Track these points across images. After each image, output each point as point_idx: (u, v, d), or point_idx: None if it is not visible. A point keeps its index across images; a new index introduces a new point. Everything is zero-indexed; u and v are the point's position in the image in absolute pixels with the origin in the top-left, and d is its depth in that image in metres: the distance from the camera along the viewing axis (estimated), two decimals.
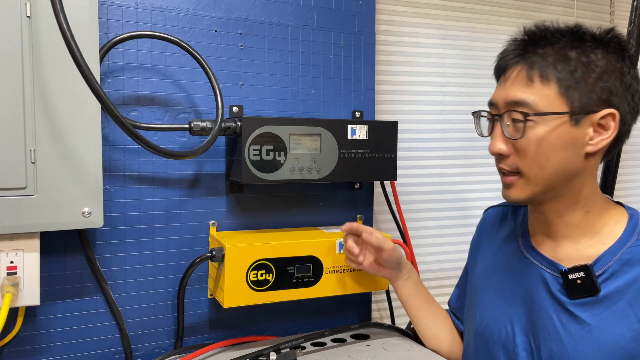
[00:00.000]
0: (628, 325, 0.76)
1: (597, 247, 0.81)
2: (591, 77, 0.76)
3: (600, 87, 0.76)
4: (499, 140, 0.80)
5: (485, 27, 1.50)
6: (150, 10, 1.04)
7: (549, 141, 0.76)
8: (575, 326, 0.79)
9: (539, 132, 0.76)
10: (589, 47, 0.77)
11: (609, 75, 0.76)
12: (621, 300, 0.77)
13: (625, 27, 1.25)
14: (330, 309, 1.23)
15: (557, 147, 0.77)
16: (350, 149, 1.10)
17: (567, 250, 0.84)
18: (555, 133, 0.76)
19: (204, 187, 1.10)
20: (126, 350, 1.04)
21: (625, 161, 1.72)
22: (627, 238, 0.80)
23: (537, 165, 0.78)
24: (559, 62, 0.76)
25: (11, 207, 0.84)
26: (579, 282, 0.79)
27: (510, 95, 0.79)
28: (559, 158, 0.77)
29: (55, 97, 0.86)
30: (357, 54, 1.23)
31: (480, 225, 1.07)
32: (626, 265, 0.78)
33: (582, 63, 0.76)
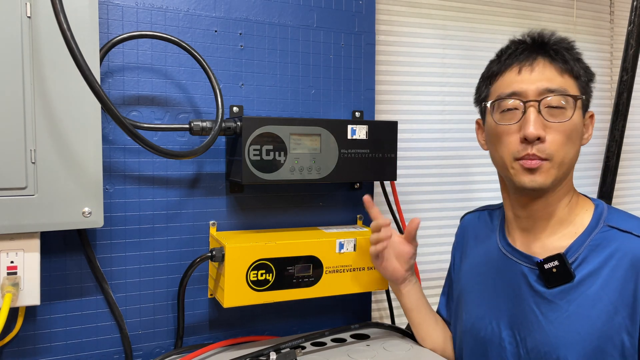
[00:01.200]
0: (602, 308, 0.80)
1: (569, 236, 0.86)
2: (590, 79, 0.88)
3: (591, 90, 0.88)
4: (539, 125, 0.83)
5: (485, 27, 1.50)
6: (150, 10, 1.04)
7: (577, 128, 0.84)
8: (555, 314, 0.83)
9: (576, 117, 0.84)
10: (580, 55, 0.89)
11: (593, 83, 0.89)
12: (594, 284, 0.81)
13: (625, 27, 1.25)
14: (330, 309, 1.23)
15: (579, 134, 0.86)
16: (350, 149, 1.10)
17: (542, 243, 0.88)
18: (580, 121, 0.85)
19: (204, 187, 1.10)
20: (126, 350, 1.04)
21: (625, 161, 1.72)
22: (594, 225, 0.85)
23: (565, 149, 0.83)
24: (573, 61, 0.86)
25: (11, 207, 0.84)
26: (555, 270, 0.83)
27: (545, 84, 0.84)
28: (577, 145, 0.86)
29: (55, 97, 0.86)
30: (357, 54, 1.23)
31: (459, 231, 1.11)
32: (594, 250, 0.83)
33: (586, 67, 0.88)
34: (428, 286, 1.46)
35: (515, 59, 0.88)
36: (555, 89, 0.83)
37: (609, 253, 0.82)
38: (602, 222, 0.85)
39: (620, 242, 0.82)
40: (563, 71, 0.85)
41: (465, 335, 0.97)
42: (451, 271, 1.11)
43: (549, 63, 0.85)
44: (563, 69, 0.85)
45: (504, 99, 0.87)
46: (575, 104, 0.83)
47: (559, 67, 0.85)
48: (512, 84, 0.86)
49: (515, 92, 0.85)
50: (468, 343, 0.96)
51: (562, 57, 0.85)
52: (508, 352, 0.89)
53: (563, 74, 0.85)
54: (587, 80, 0.87)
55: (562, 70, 0.85)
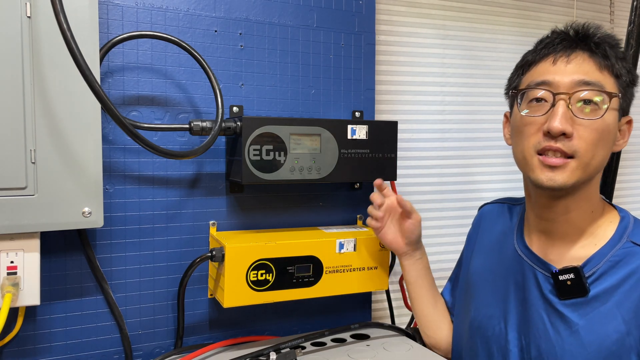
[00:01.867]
0: (614, 326, 0.77)
1: (589, 248, 0.82)
2: (632, 82, 0.82)
3: (632, 94, 0.82)
4: (565, 120, 0.77)
5: (485, 27, 1.50)
6: (150, 10, 1.04)
7: (610, 129, 0.79)
8: (564, 326, 0.81)
9: (609, 117, 0.78)
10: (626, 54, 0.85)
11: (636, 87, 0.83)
12: (609, 301, 0.78)
13: (625, 27, 1.25)
14: (330, 309, 1.23)
15: (612, 136, 0.80)
16: (350, 149, 1.10)
17: (560, 250, 0.85)
18: (614, 123, 0.79)
19: (204, 187, 1.10)
20: (126, 350, 1.04)
21: (625, 161, 1.72)
22: (617, 240, 0.81)
23: (594, 150, 0.78)
24: (617, 60, 0.80)
25: (11, 207, 0.84)
26: (569, 283, 0.80)
27: (580, 76, 0.78)
28: (608, 148, 0.80)
29: (55, 97, 0.86)
30: (357, 54, 1.23)
31: (476, 221, 1.08)
32: (615, 267, 0.79)
33: (630, 68, 0.82)
34: None
35: (552, 49, 0.82)
36: (591, 83, 0.77)
37: (628, 271, 0.78)
38: (626, 237, 0.81)
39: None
40: (602, 67, 0.79)
41: (472, 333, 0.95)
42: (462, 258, 1.09)
43: (588, 57, 0.80)
44: (603, 65, 0.79)
45: (533, 88, 0.81)
46: (610, 101, 0.77)
47: (598, 61, 0.79)
48: (544, 74, 0.81)
49: (546, 81, 0.80)
50: (474, 340, 0.94)
51: (603, 52, 0.80)
52: (512, 354, 0.87)
53: (602, 69, 0.79)
54: (629, 81, 0.82)
55: (602, 66, 0.79)
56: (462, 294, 1.03)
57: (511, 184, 1.53)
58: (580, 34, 0.82)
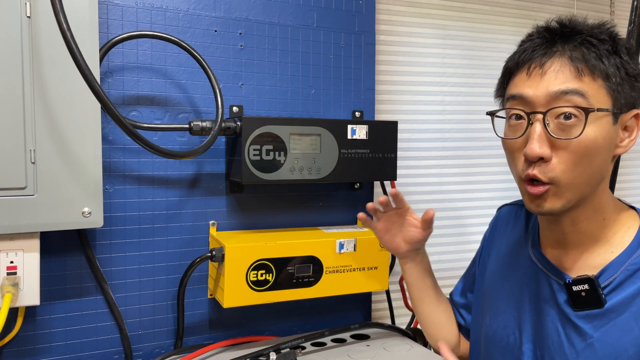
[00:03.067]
0: (631, 340, 0.73)
1: (605, 255, 0.77)
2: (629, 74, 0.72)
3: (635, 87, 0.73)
4: (542, 142, 0.70)
5: (485, 27, 1.50)
6: (150, 10, 1.04)
7: (597, 142, 0.70)
8: (578, 338, 0.77)
9: (591, 131, 0.69)
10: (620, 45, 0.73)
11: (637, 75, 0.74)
12: (625, 312, 0.74)
13: (625, 27, 1.25)
14: (330, 309, 1.23)
15: (601, 149, 0.71)
16: (350, 149, 1.10)
17: (575, 259, 0.80)
18: (603, 133, 0.70)
19: (204, 187, 1.10)
20: (126, 350, 1.04)
21: (625, 161, 1.72)
22: (635, 247, 0.75)
23: (578, 169, 0.71)
24: (605, 57, 0.71)
25: (11, 207, 0.84)
26: (584, 294, 0.75)
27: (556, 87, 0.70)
28: (599, 160, 0.72)
29: (55, 97, 0.86)
30: (357, 54, 1.23)
31: (494, 222, 1.03)
32: (632, 276, 0.74)
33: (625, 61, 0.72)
34: None
35: (527, 56, 0.74)
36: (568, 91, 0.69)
37: None
38: None
39: None
40: (583, 72, 0.70)
41: (487, 342, 0.92)
42: (477, 259, 1.04)
43: (567, 62, 0.71)
44: (582, 69, 0.70)
45: (507, 106, 0.76)
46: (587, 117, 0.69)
47: (576, 67, 0.70)
48: (519, 87, 0.74)
49: (521, 96, 0.73)
50: (489, 349, 0.91)
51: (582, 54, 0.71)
52: None
53: (582, 75, 0.70)
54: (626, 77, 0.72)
55: (582, 71, 0.70)
56: (478, 299, 0.99)
57: (511, 184, 1.53)
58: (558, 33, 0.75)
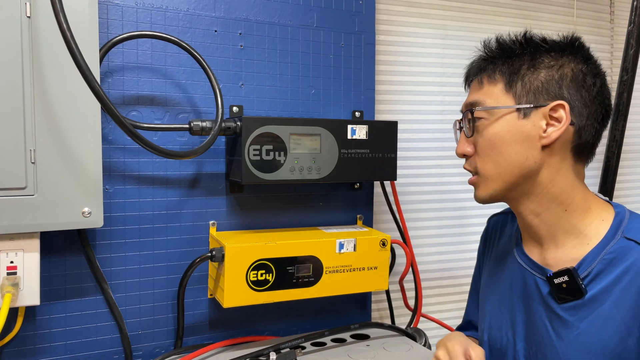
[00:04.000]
0: (614, 328, 0.75)
1: (582, 247, 0.80)
2: (534, 73, 0.80)
3: (545, 82, 0.79)
4: (462, 142, 0.86)
5: (485, 27, 1.50)
6: (150, 10, 1.04)
7: (500, 135, 0.80)
8: (565, 330, 0.79)
9: (490, 128, 0.81)
10: (539, 47, 0.81)
11: (556, 70, 0.80)
12: (606, 301, 0.76)
13: (625, 27, 1.25)
14: (330, 309, 1.23)
15: (509, 141, 0.80)
16: (350, 149, 1.10)
17: (554, 253, 0.83)
18: (504, 127, 0.80)
19: (204, 187, 1.10)
20: (126, 350, 1.04)
21: (625, 161, 1.72)
22: (611, 237, 0.78)
23: (492, 161, 0.82)
24: (504, 64, 0.82)
25: (11, 207, 0.84)
26: (565, 286, 0.79)
27: (467, 100, 0.86)
28: (512, 152, 0.80)
29: (55, 97, 0.86)
30: (357, 54, 1.23)
31: (484, 234, 1.07)
32: (610, 264, 0.77)
33: (525, 61, 0.81)
34: (428, 286, 1.46)
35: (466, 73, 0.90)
36: (473, 102, 0.84)
37: (624, 268, 0.75)
38: (620, 234, 0.78)
39: (636, 256, 0.75)
40: (482, 81, 0.84)
41: (485, 346, 0.94)
42: (475, 274, 1.08)
43: (479, 76, 0.86)
44: (482, 79, 0.84)
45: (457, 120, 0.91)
46: (473, 115, 0.83)
47: (478, 78, 0.85)
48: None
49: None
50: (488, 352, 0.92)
51: (481, 67, 0.85)
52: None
53: (481, 84, 0.84)
54: (526, 67, 0.80)
55: (482, 81, 0.84)
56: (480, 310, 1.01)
57: None
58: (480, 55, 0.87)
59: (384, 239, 1.11)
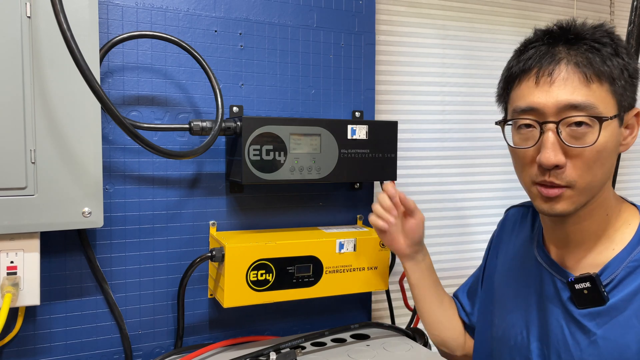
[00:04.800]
0: (634, 337, 0.74)
1: (607, 253, 0.79)
2: (631, 76, 0.75)
3: (635, 87, 0.76)
4: (557, 150, 0.73)
5: (485, 27, 1.50)
6: (150, 10, 1.04)
7: (608, 146, 0.73)
8: (582, 336, 0.78)
9: (600, 136, 0.72)
10: (620, 47, 0.75)
11: (632, 71, 0.76)
12: (627, 310, 0.74)
13: (625, 27, 1.25)
14: (330, 309, 1.23)
15: (612, 152, 0.75)
16: (350, 149, 1.10)
17: (577, 257, 0.82)
18: (612, 137, 0.74)
19: (204, 187, 1.10)
20: (126, 350, 1.04)
21: (625, 161, 1.72)
22: (635, 244, 0.77)
23: (592, 173, 0.73)
24: (609, 59, 0.73)
25: (11, 207, 0.84)
26: (586, 292, 0.77)
27: (566, 98, 0.72)
28: (609, 163, 0.75)
29: (55, 97, 0.86)
30: (357, 54, 1.23)
31: (502, 223, 1.04)
32: (633, 273, 0.75)
33: (626, 62, 0.75)
34: None
35: (534, 62, 0.76)
36: (579, 104, 0.71)
37: None
38: None
39: None
40: (590, 78, 0.72)
41: (495, 342, 0.93)
42: (485, 259, 1.05)
43: (573, 69, 0.73)
44: (590, 76, 0.72)
45: (519, 115, 0.77)
46: (602, 124, 0.72)
47: (584, 73, 0.72)
48: (528, 97, 0.76)
49: (531, 107, 0.75)
50: (498, 349, 0.92)
51: (588, 60, 0.73)
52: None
53: (590, 82, 0.72)
54: (629, 76, 0.75)
55: (589, 78, 0.72)
56: (486, 299, 1.00)
57: (511, 184, 1.53)
58: (562, 37, 0.75)
59: None
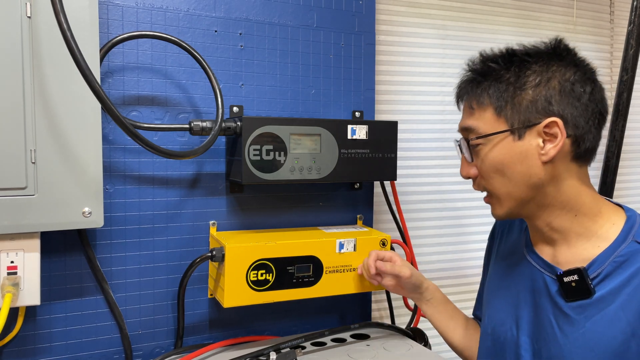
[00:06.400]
0: (620, 328, 0.77)
1: (593, 249, 0.82)
2: (522, 93, 0.79)
3: (534, 100, 0.79)
4: (464, 165, 0.87)
5: (485, 27, 1.50)
6: (150, 10, 1.04)
7: (499, 160, 0.82)
8: (571, 328, 0.81)
9: (489, 153, 0.82)
10: (524, 63, 0.80)
11: (543, 86, 0.79)
12: (614, 303, 0.78)
13: (625, 27, 1.25)
14: (330, 309, 1.23)
15: (509, 164, 0.81)
16: (350, 149, 1.10)
17: (565, 253, 0.85)
18: (502, 151, 0.81)
19: (204, 187, 1.10)
20: (126, 350, 1.04)
21: (625, 161, 1.72)
22: (622, 240, 0.80)
23: (498, 183, 0.83)
24: (490, 87, 0.81)
25: (11, 207, 0.84)
26: (574, 284, 0.80)
27: (461, 124, 0.87)
28: (515, 173, 0.81)
29: (55, 97, 0.86)
30: (357, 54, 1.23)
31: (492, 232, 1.08)
32: (619, 267, 0.79)
33: (511, 83, 0.80)
34: None
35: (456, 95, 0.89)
36: (468, 127, 0.84)
37: (633, 271, 0.77)
38: (631, 237, 0.80)
39: None
40: (472, 107, 0.84)
41: (486, 338, 0.96)
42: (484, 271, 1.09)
43: (468, 99, 0.85)
44: (471, 105, 0.84)
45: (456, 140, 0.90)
46: (480, 141, 0.82)
47: (468, 103, 0.85)
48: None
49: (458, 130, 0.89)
50: (489, 346, 0.95)
51: (468, 91, 0.84)
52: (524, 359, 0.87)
53: (472, 110, 0.84)
54: (512, 95, 0.79)
55: (472, 106, 0.84)
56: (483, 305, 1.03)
57: None
58: (466, 75, 0.86)
59: (384, 239, 1.12)
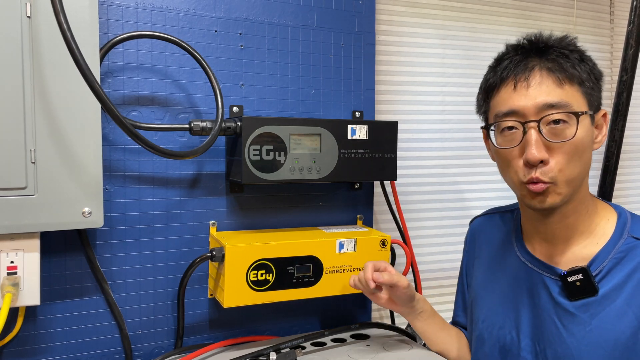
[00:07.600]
0: (627, 323, 0.78)
1: (592, 247, 0.83)
2: (598, 78, 0.83)
3: (600, 89, 0.83)
4: (540, 147, 0.78)
5: (485, 27, 1.50)
6: (150, 10, 1.04)
7: (584, 141, 0.80)
8: (577, 327, 0.81)
9: (581, 131, 0.79)
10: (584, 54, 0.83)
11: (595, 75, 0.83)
12: (618, 298, 0.79)
13: (625, 27, 1.25)
14: (330, 309, 1.23)
15: (587, 146, 0.81)
16: (350, 149, 1.10)
17: (563, 253, 0.86)
18: (587, 132, 0.80)
19: (204, 187, 1.10)
20: (126, 350, 1.04)
21: (625, 161, 1.72)
22: (618, 236, 0.82)
23: (573, 167, 0.79)
24: (577, 64, 0.80)
25: (11, 207, 0.84)
26: (578, 284, 0.81)
27: (543, 99, 0.78)
28: (587, 156, 0.81)
29: (55, 97, 0.86)
30: (357, 54, 1.23)
31: (469, 236, 1.08)
32: (619, 263, 0.80)
33: (591, 66, 0.82)
34: (428, 286, 1.46)
35: (510, 71, 0.82)
36: (555, 103, 0.78)
37: (634, 266, 0.79)
38: (627, 233, 0.82)
39: None
40: (563, 81, 0.79)
41: (479, 342, 0.95)
42: (463, 277, 1.09)
43: (547, 73, 0.80)
44: (562, 78, 0.79)
45: (501, 118, 0.82)
46: (579, 119, 0.78)
47: (556, 76, 0.79)
48: (508, 102, 0.81)
49: (512, 110, 0.81)
50: (483, 351, 0.94)
51: (559, 65, 0.80)
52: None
53: (563, 84, 0.79)
54: (595, 80, 0.82)
55: (562, 80, 0.79)
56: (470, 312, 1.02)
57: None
58: (533, 47, 0.83)
59: (384, 239, 1.12)
